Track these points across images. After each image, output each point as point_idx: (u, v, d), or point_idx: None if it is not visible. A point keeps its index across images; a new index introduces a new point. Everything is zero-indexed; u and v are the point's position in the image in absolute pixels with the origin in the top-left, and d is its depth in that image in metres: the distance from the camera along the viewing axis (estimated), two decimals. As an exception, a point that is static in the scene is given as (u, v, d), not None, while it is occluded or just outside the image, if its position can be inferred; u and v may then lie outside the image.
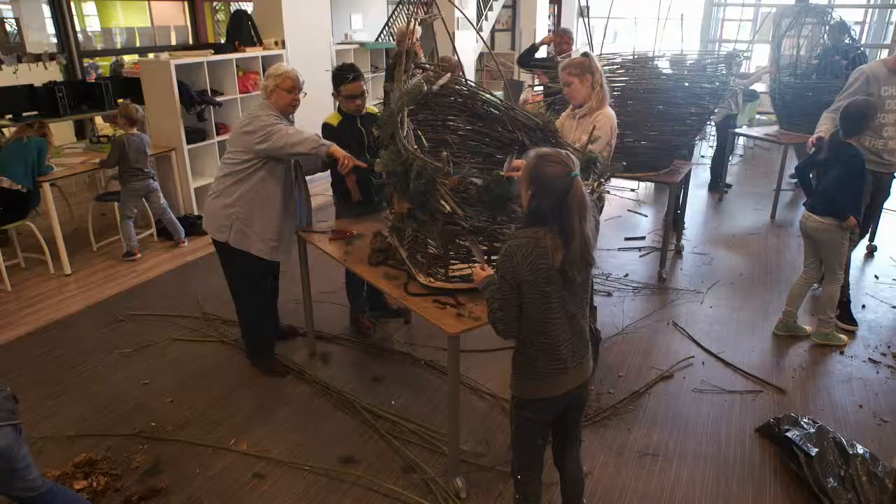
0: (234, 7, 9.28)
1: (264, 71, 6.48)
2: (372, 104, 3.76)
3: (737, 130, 6.85)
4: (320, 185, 5.84)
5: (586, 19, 5.18)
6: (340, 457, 2.82)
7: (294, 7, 6.59)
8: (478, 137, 3.26)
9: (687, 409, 3.18)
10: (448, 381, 2.55)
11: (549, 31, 4.88)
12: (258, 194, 3.19)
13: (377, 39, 9.40)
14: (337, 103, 3.55)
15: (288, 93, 3.19)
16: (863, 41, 12.47)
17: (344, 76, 3.41)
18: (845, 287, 3.92)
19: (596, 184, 2.43)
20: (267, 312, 3.51)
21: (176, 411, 3.16)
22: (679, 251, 5.16)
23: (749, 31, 12.74)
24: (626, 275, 4.71)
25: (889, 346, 3.74)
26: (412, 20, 3.34)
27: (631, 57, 4.92)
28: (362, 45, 8.01)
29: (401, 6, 10.06)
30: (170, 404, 3.22)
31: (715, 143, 7.27)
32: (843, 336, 3.80)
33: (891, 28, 11.79)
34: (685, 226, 5.44)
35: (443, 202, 2.37)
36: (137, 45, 10.38)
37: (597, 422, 3.05)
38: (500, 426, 3.03)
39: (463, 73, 3.28)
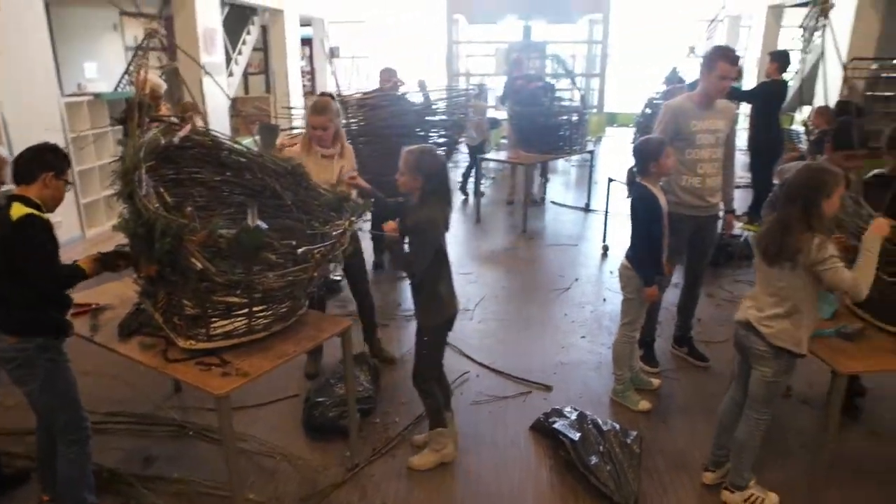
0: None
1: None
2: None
3: (483, 156, 7.49)
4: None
5: (331, 60, 5.32)
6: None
7: (7, 54, 5.83)
8: (228, 187, 3.17)
9: (468, 421, 3.36)
10: (224, 446, 2.42)
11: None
12: None
13: (116, 89, 8.71)
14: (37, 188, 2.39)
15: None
16: (581, 70, 14.47)
17: None
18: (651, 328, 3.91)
19: (348, 223, 2.50)
20: None
21: None
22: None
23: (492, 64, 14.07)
24: (399, 305, 4.87)
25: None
26: (142, 68, 3.16)
27: (379, 95, 5.17)
28: (98, 95, 7.35)
29: (139, 53, 9.46)
30: None
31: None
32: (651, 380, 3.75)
33: (597, 60, 13.80)
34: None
35: (193, 260, 2.27)
36: None
37: (385, 453, 3.10)
38: (289, 479, 2.94)
39: (203, 121, 3.17)
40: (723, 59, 3.38)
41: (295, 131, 6.10)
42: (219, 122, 8.36)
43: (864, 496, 2.84)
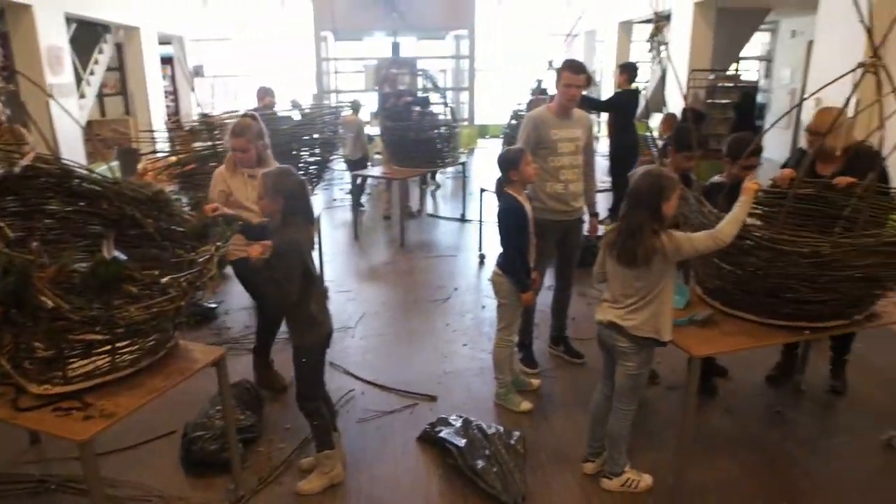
0: None
1: None
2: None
3: (357, 172, 7.50)
4: None
5: (191, 80, 5.13)
6: None
7: None
8: (83, 218, 2.97)
9: (355, 440, 3.34)
10: (90, 496, 2.25)
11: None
12: None
13: (-54, 116, 7.89)
14: None
15: None
16: (451, 84, 14.83)
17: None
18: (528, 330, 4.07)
19: (214, 248, 2.42)
20: None
21: None
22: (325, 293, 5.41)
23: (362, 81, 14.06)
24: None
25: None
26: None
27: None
28: (-77, 124, 6.62)
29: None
30: None
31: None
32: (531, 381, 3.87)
33: (465, 74, 14.19)
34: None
35: (43, 298, 2.11)
36: None
37: (272, 482, 3.01)
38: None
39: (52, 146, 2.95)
40: (566, 69, 3.65)
41: (158, 155, 5.81)
42: (71, 147, 7.79)
43: (721, 468, 3.11)
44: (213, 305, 4.89)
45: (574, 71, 3.63)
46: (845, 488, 2.97)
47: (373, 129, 9.99)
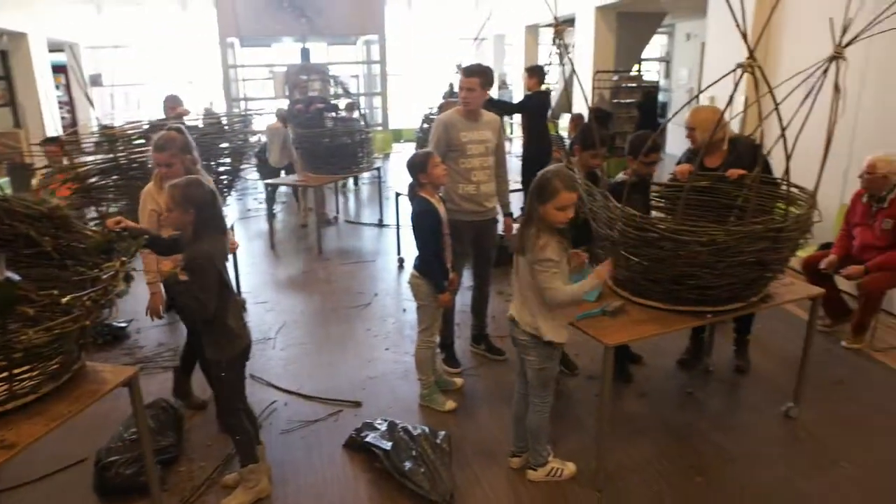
0: None
1: None
2: None
3: (268, 181, 7.37)
4: None
5: (86, 89, 4.88)
6: None
7: None
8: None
9: (280, 452, 3.28)
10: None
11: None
12: None
13: None
14: None
15: None
16: (361, 90, 14.77)
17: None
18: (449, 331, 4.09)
19: (119, 263, 2.33)
20: None
21: None
22: (243, 305, 5.28)
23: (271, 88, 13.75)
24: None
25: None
26: None
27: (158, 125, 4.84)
28: None
29: None
30: None
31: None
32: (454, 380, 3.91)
33: (378, 79, 14.16)
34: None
35: (-72, 325, 1.96)
36: None
37: (195, 502, 2.92)
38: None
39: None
40: (460, 73, 3.79)
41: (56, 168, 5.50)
42: (-45, 164, 7.25)
43: (639, 449, 3.26)
44: (124, 324, 4.68)
45: (464, 74, 3.76)
46: (752, 459, 3.17)
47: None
